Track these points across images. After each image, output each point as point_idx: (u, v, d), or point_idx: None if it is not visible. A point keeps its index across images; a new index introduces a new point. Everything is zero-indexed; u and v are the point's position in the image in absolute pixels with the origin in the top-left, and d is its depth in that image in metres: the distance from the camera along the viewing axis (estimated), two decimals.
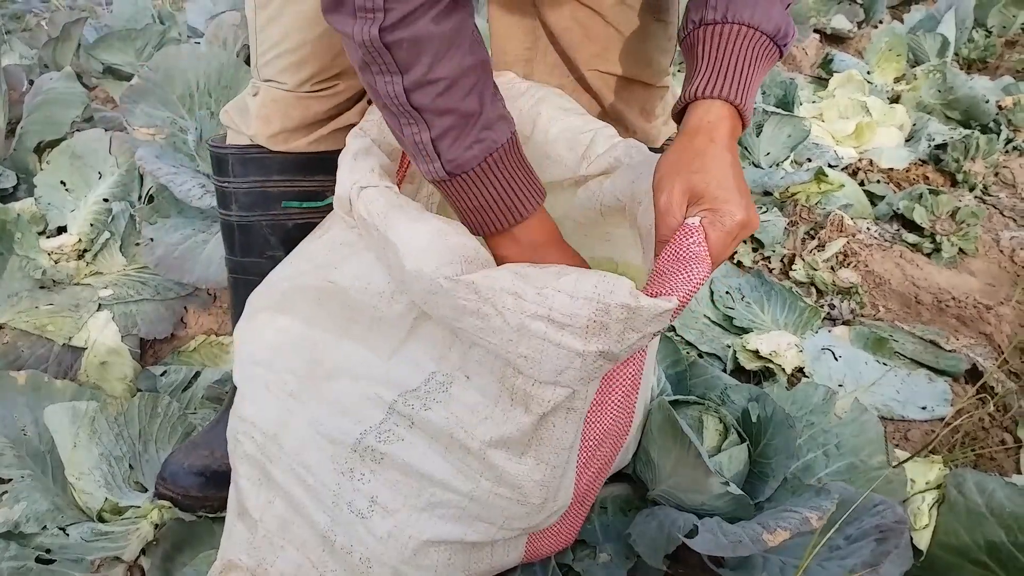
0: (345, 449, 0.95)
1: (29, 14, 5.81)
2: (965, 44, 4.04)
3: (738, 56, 0.91)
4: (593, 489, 1.10)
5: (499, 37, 1.23)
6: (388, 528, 0.97)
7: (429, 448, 0.94)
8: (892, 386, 1.71)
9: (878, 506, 1.12)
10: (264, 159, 1.19)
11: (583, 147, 1.10)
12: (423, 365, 0.94)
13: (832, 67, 3.59)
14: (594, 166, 1.09)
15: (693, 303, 1.89)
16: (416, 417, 0.94)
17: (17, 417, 1.38)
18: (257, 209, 1.22)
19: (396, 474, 0.96)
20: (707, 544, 1.06)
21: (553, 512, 1.01)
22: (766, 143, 2.72)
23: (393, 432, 0.94)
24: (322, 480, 0.97)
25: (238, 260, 1.27)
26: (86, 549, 1.20)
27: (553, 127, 1.12)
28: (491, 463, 0.94)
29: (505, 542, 1.05)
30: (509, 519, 0.98)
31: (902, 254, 2.26)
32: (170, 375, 1.67)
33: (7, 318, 1.75)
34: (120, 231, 2.01)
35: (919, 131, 2.99)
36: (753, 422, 1.30)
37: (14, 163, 2.31)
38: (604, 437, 1.03)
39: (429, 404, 0.93)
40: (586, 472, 1.03)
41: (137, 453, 1.38)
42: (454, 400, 0.93)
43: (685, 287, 0.83)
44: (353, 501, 0.96)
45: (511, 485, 0.95)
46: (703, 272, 0.84)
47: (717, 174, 0.87)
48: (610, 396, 1.00)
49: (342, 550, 0.98)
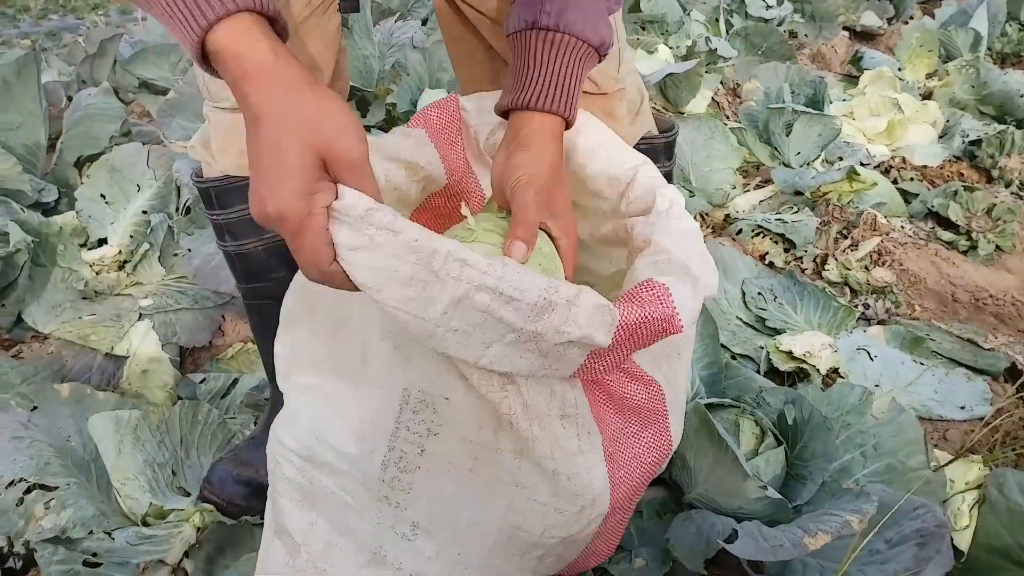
0: (375, 480, 0.94)
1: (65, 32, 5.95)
2: (998, 38, 3.99)
3: (571, 69, 0.95)
4: (632, 499, 1.10)
5: (460, 60, 1.24)
6: (435, 549, 0.97)
7: (448, 471, 0.93)
8: (930, 386, 1.69)
9: (918, 509, 1.11)
10: (244, 187, 1.17)
11: (623, 185, 1.09)
12: (385, 374, 0.93)
13: (862, 64, 3.56)
14: (633, 206, 1.08)
15: (725, 304, 1.89)
16: (425, 444, 0.92)
17: (62, 428, 1.42)
18: (251, 236, 1.21)
19: (426, 501, 0.95)
20: (748, 549, 1.05)
21: (592, 519, 1.00)
22: (796, 142, 2.71)
23: (408, 459, 0.93)
24: (363, 504, 0.97)
25: (246, 287, 1.27)
26: (131, 552, 1.23)
27: (591, 163, 1.11)
28: (521, 472, 0.93)
29: (554, 558, 1.05)
30: (549, 528, 0.98)
31: (937, 252, 2.23)
32: (209, 382, 1.70)
33: (52, 328, 1.79)
34: (159, 242, 2.05)
35: (952, 127, 2.95)
36: (789, 425, 1.29)
37: (55, 177, 2.37)
38: (622, 443, 1.03)
39: (434, 429, 0.92)
40: (620, 477, 1.03)
41: (179, 459, 1.41)
42: (448, 422, 0.91)
43: (640, 330, 0.87)
44: (396, 525, 0.96)
45: (545, 493, 0.95)
46: (659, 331, 0.88)
47: (566, 192, 0.99)
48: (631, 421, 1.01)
49: (392, 566, 0.98)
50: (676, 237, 0.99)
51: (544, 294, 0.81)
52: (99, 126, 2.48)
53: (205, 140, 1.19)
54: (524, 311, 0.81)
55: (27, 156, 2.31)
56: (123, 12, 7.21)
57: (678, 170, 2.55)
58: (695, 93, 2.94)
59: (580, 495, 0.96)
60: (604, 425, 1.00)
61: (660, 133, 1.39)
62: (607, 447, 1.00)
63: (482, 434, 0.92)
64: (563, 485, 0.95)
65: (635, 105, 1.32)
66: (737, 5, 4.16)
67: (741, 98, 3.23)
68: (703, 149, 2.59)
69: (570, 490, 0.96)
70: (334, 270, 0.77)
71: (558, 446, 0.94)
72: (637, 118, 1.32)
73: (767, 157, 2.77)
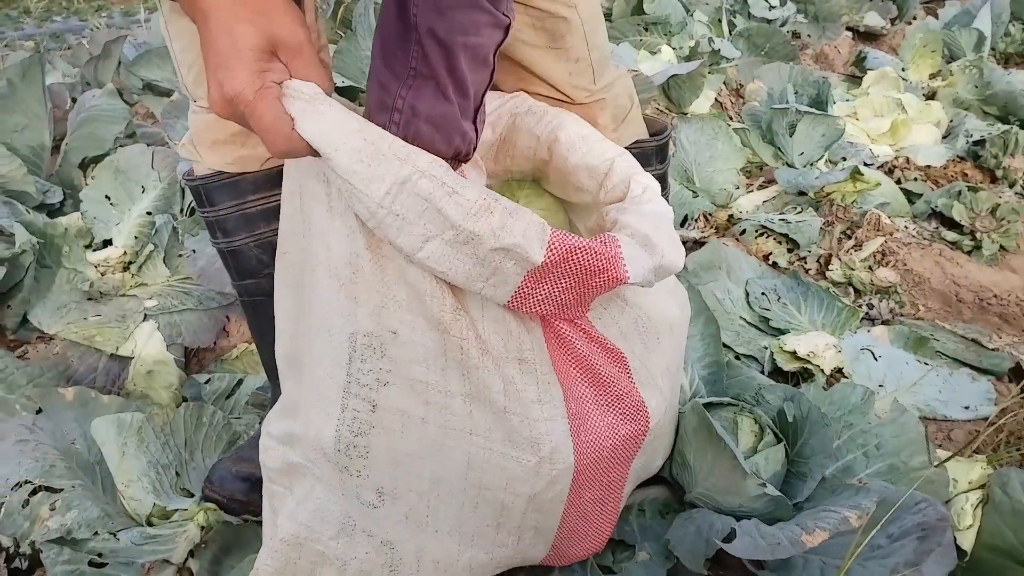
0: (332, 450, 0.95)
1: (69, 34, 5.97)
2: (1002, 38, 3.98)
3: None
4: (612, 474, 1.09)
5: None
6: (403, 512, 0.98)
7: (403, 425, 0.94)
8: (934, 386, 1.69)
9: (919, 504, 1.11)
10: (234, 183, 1.17)
11: (602, 175, 1.13)
12: (333, 323, 0.93)
13: (865, 65, 3.56)
14: (611, 195, 1.12)
15: (729, 305, 1.89)
16: (375, 397, 0.93)
17: (67, 431, 1.43)
18: (242, 232, 1.21)
19: (386, 464, 0.95)
20: (745, 548, 1.06)
21: (555, 477, 1.00)
22: (800, 143, 2.71)
23: (361, 419, 0.93)
24: (328, 475, 0.98)
25: (240, 284, 1.28)
26: (136, 552, 1.23)
27: (572, 156, 1.14)
28: (473, 419, 0.94)
29: (531, 532, 1.05)
30: (511, 482, 0.98)
31: (941, 252, 2.23)
32: (214, 383, 1.71)
33: (57, 329, 1.80)
34: (163, 243, 2.06)
35: (956, 127, 2.95)
36: (789, 422, 1.29)
37: (60, 179, 2.37)
38: (590, 407, 1.03)
39: (383, 378, 0.92)
40: (585, 440, 1.02)
41: (183, 461, 1.42)
42: (398, 364, 0.92)
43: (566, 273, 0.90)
44: (361, 494, 0.97)
45: (500, 440, 0.96)
46: (600, 271, 0.91)
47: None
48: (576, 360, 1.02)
49: (363, 533, 0.99)
50: (645, 217, 1.02)
51: (484, 197, 0.86)
52: (104, 128, 2.49)
53: (191, 139, 1.20)
54: (464, 207, 0.85)
55: (32, 158, 2.31)
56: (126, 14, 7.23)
57: (681, 171, 2.55)
58: (698, 94, 2.94)
59: (536, 443, 0.97)
60: (568, 382, 1.01)
61: (652, 136, 1.40)
62: (570, 405, 1.00)
63: (430, 373, 0.93)
64: (516, 428, 0.96)
65: (623, 111, 1.32)
66: (740, 6, 4.15)
67: (744, 99, 3.23)
68: (707, 150, 2.60)
69: (524, 435, 0.96)
70: (295, 136, 0.82)
71: (512, 387, 0.96)
72: (623, 125, 1.33)
73: (771, 157, 2.77)
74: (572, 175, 1.15)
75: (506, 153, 1.23)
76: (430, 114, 0.89)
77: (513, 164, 1.24)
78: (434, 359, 0.93)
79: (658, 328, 1.11)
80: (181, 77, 1.17)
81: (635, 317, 1.08)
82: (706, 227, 2.42)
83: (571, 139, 1.15)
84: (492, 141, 1.22)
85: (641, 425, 1.07)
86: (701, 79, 2.91)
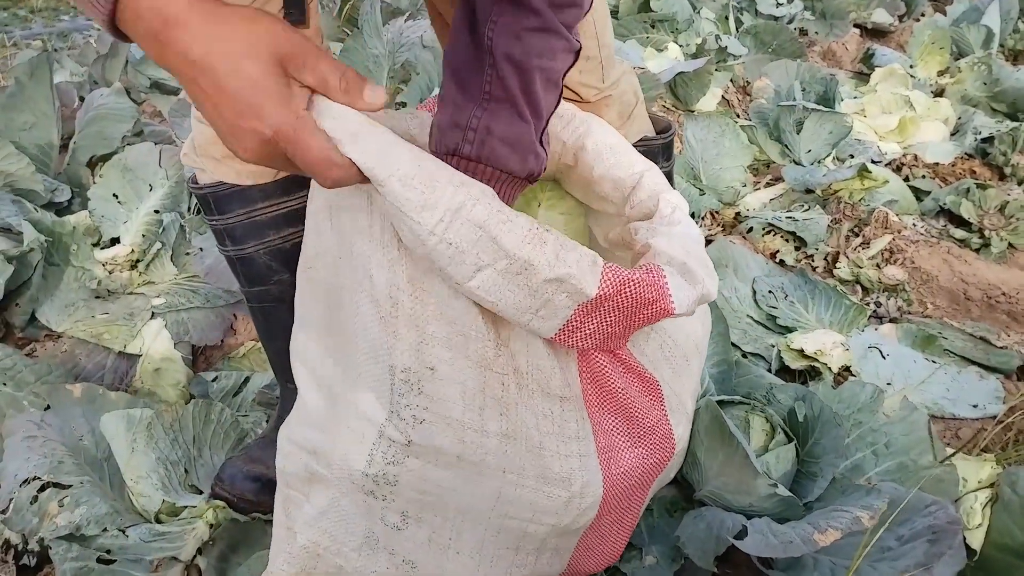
0: (360, 476, 0.94)
1: (76, 33, 5.98)
2: (1010, 35, 3.96)
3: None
4: (633, 499, 1.10)
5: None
6: (427, 535, 0.98)
7: (436, 461, 0.93)
8: (942, 384, 1.68)
9: (930, 506, 1.11)
10: (243, 191, 1.16)
11: (628, 189, 1.11)
12: (374, 354, 0.91)
13: (873, 62, 3.55)
14: (637, 210, 1.10)
15: (736, 303, 1.89)
16: (411, 434, 0.91)
17: (75, 427, 1.43)
18: (251, 240, 1.20)
19: (414, 493, 0.95)
20: (757, 545, 1.05)
21: (582, 510, 1.00)
22: (807, 140, 2.70)
23: (396, 451, 0.92)
24: (352, 492, 0.97)
25: (249, 290, 1.27)
26: (145, 549, 1.23)
27: (598, 166, 1.12)
28: (508, 457, 0.93)
29: (549, 554, 1.06)
30: (538, 513, 0.98)
31: (950, 250, 2.22)
32: (221, 380, 1.71)
33: (65, 327, 1.81)
34: (171, 241, 2.06)
35: (965, 124, 2.94)
36: (800, 421, 1.29)
37: (68, 177, 2.38)
38: (619, 440, 1.03)
39: (420, 415, 0.91)
40: (614, 472, 1.02)
41: (192, 458, 1.42)
42: (434, 401, 0.91)
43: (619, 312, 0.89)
44: (385, 516, 0.97)
45: (532, 476, 0.95)
46: (648, 303, 0.90)
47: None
48: (622, 403, 1.01)
49: (384, 550, 0.99)
50: (676, 240, 1.01)
51: (537, 227, 0.84)
52: (111, 126, 2.49)
53: (194, 147, 1.19)
54: (518, 235, 0.83)
55: (40, 156, 2.32)
56: None
57: (688, 168, 2.55)
58: (705, 91, 2.93)
59: (568, 479, 0.96)
60: (597, 416, 1.01)
61: (657, 134, 1.39)
62: (599, 439, 1.00)
63: (468, 413, 0.91)
64: (548, 464, 0.95)
65: (628, 108, 1.32)
66: (747, 3, 4.14)
67: (751, 96, 3.22)
68: (713, 147, 2.59)
69: (556, 471, 0.96)
70: (346, 162, 0.77)
71: (548, 423, 0.95)
72: (629, 122, 1.32)
73: (778, 155, 2.76)
74: (597, 185, 1.13)
75: None
76: (506, 134, 0.90)
77: None
78: (472, 397, 0.91)
79: (686, 350, 1.10)
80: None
81: (660, 343, 1.07)
82: (713, 225, 2.41)
83: (599, 148, 1.13)
84: None
85: (668, 453, 1.07)
86: (708, 76, 2.91)
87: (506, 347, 0.92)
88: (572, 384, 0.97)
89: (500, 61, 0.87)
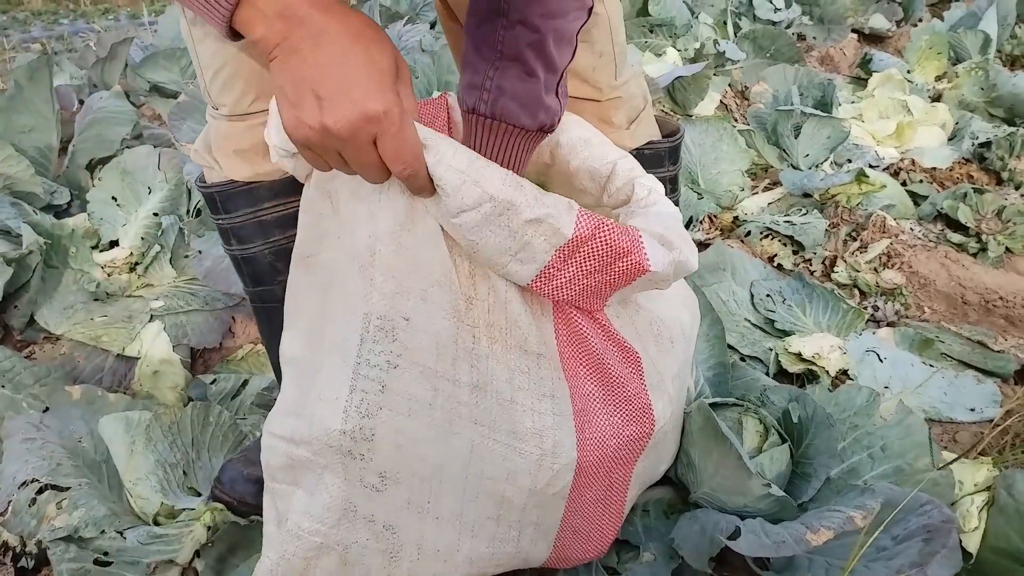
0: (338, 435, 0.94)
1: (75, 36, 6.00)
2: (1008, 40, 3.98)
3: (513, 151, 1.00)
4: (615, 475, 1.09)
5: (459, 57, 1.25)
6: (406, 496, 0.98)
7: (409, 408, 0.94)
8: (939, 388, 1.69)
9: (925, 506, 1.11)
10: (250, 190, 1.17)
11: (604, 178, 1.13)
12: (350, 306, 0.94)
13: (871, 67, 3.56)
14: (614, 198, 1.13)
15: (733, 306, 1.89)
16: (385, 378, 0.93)
17: (73, 429, 1.43)
18: (256, 240, 1.20)
19: (391, 447, 0.95)
20: (750, 545, 1.06)
21: (556, 471, 1.00)
22: (805, 145, 2.71)
23: (369, 400, 0.93)
24: (331, 463, 0.97)
25: (253, 290, 1.27)
26: (142, 552, 1.24)
27: (573, 159, 1.15)
28: (479, 408, 0.95)
29: (531, 528, 1.06)
30: (512, 473, 0.99)
31: (947, 254, 2.22)
32: (220, 383, 1.71)
33: (64, 330, 1.81)
34: (170, 244, 2.07)
35: (962, 129, 2.95)
36: (794, 423, 1.29)
37: (67, 180, 2.39)
38: (596, 405, 1.04)
39: (393, 361, 0.93)
40: (589, 436, 1.03)
41: (190, 460, 1.42)
42: (408, 349, 0.93)
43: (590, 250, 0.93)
44: (364, 477, 0.97)
45: (504, 431, 0.97)
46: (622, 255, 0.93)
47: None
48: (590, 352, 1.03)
49: (364, 519, 0.99)
50: (653, 218, 1.04)
51: (512, 176, 0.91)
52: (111, 129, 2.50)
53: (207, 145, 1.19)
54: (498, 178, 0.89)
55: (39, 159, 2.33)
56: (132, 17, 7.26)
57: (686, 172, 2.55)
58: (703, 96, 2.94)
59: (540, 435, 0.98)
60: (575, 379, 1.02)
61: (664, 137, 1.39)
62: (576, 403, 1.01)
63: (440, 362, 0.94)
64: (519, 419, 0.97)
65: (636, 111, 1.32)
66: (745, 8, 4.16)
67: (749, 100, 3.23)
68: (711, 151, 2.60)
69: (528, 426, 0.97)
70: (422, 161, 0.86)
71: (520, 378, 0.97)
72: (637, 126, 1.32)
73: (775, 159, 2.77)
74: (574, 178, 1.15)
75: None
76: (516, 91, 0.95)
77: None
78: (445, 348, 0.94)
79: (672, 332, 1.12)
80: (204, 82, 1.15)
81: (650, 320, 1.09)
82: (711, 229, 2.42)
83: (572, 142, 1.15)
84: None
85: (646, 428, 1.08)
86: (706, 81, 2.91)
87: (482, 302, 0.96)
88: (548, 343, 1.00)
89: (514, 23, 0.92)
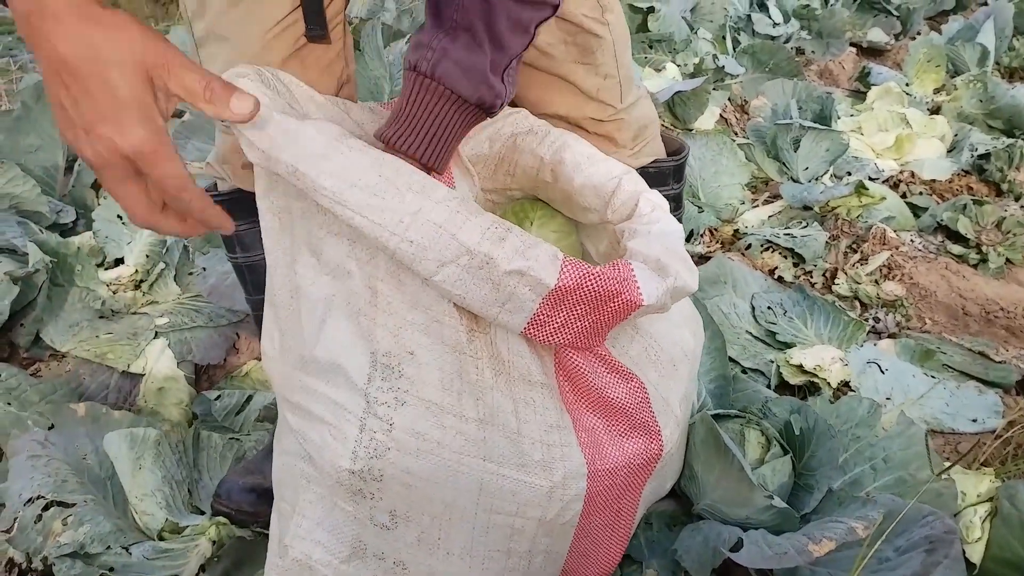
0: (347, 475, 0.94)
1: None
2: (1006, 53, 3.99)
3: (447, 121, 0.98)
4: (623, 499, 1.10)
5: None
6: (416, 534, 0.98)
7: (418, 447, 0.93)
8: (941, 398, 1.69)
9: (927, 517, 1.11)
10: (254, 199, 1.16)
11: (608, 193, 1.14)
12: (356, 345, 0.94)
13: (870, 80, 3.57)
14: (618, 214, 1.13)
15: (735, 319, 1.90)
16: (393, 416, 0.92)
17: (79, 446, 1.44)
18: (259, 248, 1.20)
19: (400, 486, 0.95)
20: (752, 557, 1.06)
21: (566, 502, 1.00)
22: (804, 158, 2.72)
23: (378, 441, 0.93)
24: (339, 497, 0.98)
25: (255, 299, 1.29)
26: (147, 567, 1.24)
27: (577, 177, 1.16)
28: (487, 445, 0.94)
29: (541, 557, 1.06)
30: (522, 506, 0.98)
31: (947, 265, 2.23)
32: (224, 399, 1.72)
33: (69, 347, 1.82)
34: (174, 262, 2.08)
35: (961, 141, 2.96)
36: (796, 434, 1.30)
37: (73, 199, 2.40)
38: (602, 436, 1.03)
39: (401, 398, 0.92)
40: (599, 468, 1.02)
41: (195, 479, 1.43)
42: (415, 384, 0.92)
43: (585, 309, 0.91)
44: (373, 516, 0.97)
45: (513, 466, 0.96)
46: (614, 295, 0.91)
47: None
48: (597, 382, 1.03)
49: (374, 557, 1.00)
50: (653, 239, 1.03)
51: (498, 225, 0.87)
52: None
53: (218, 156, 1.22)
54: (478, 231, 0.86)
55: (45, 178, 2.34)
56: None
57: (687, 186, 2.57)
58: (703, 110, 2.96)
59: (549, 468, 0.97)
60: (577, 414, 1.02)
61: (669, 155, 1.40)
62: (580, 435, 1.01)
63: (447, 397, 0.93)
64: (527, 452, 0.96)
65: (643, 132, 1.33)
66: (744, 23, 4.18)
67: (749, 114, 3.25)
68: (711, 165, 2.61)
69: (536, 459, 0.97)
70: (198, 192, 0.77)
71: (526, 410, 0.96)
72: (642, 145, 1.34)
73: (775, 172, 2.79)
74: (578, 195, 1.16)
75: (505, 171, 1.24)
76: (460, 58, 0.94)
77: (513, 183, 1.25)
78: (450, 381, 0.93)
79: (672, 354, 1.11)
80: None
81: (645, 346, 1.08)
82: (711, 242, 2.43)
83: (576, 159, 1.16)
84: (490, 156, 1.24)
85: (654, 452, 1.07)
86: (706, 95, 2.93)
87: (484, 334, 0.95)
88: (550, 375, 0.99)
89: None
